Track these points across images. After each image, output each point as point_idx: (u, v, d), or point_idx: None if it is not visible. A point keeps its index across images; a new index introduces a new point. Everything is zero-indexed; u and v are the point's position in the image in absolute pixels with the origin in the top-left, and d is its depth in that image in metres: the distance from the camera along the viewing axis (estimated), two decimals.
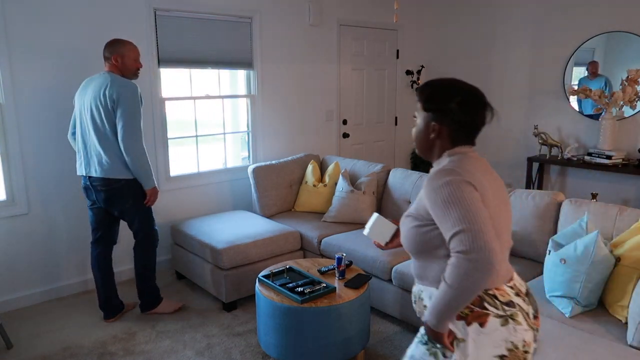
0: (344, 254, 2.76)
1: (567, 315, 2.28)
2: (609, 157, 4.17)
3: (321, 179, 4.19)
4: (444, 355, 1.37)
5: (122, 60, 2.91)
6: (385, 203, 3.84)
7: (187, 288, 3.71)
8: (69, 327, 3.13)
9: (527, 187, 4.81)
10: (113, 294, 3.19)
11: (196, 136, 4.20)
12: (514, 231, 3.01)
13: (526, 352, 1.33)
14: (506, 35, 5.03)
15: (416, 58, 5.76)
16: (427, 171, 5.19)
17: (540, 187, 4.86)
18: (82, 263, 3.64)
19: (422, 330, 1.43)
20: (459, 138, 1.43)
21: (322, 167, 4.41)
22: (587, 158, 4.35)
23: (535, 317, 1.41)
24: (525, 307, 1.36)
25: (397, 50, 5.56)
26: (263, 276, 2.73)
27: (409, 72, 5.68)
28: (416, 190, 3.62)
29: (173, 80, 4.09)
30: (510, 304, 1.33)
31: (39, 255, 3.45)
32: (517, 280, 1.42)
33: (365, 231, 1.79)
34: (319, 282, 2.63)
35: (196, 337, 3.00)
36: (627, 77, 4.05)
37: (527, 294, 1.42)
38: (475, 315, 1.30)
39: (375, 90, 5.47)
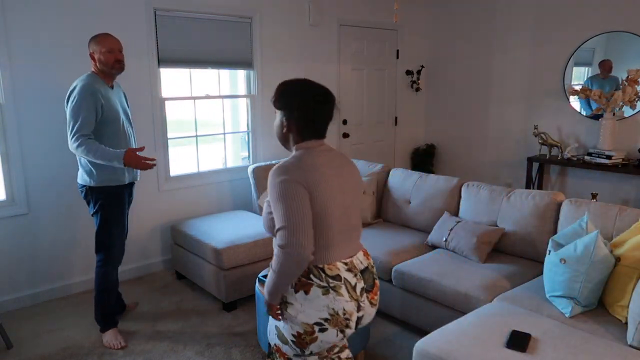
0: None
1: (567, 315, 2.28)
2: (609, 157, 4.17)
3: None
4: (283, 316, 1.64)
5: (97, 55, 2.76)
6: (386, 203, 3.84)
7: (187, 288, 3.71)
8: (69, 327, 3.13)
9: (527, 187, 4.81)
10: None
11: (196, 136, 4.20)
12: (513, 231, 3.02)
13: (347, 319, 1.61)
14: (506, 35, 5.03)
15: (416, 58, 5.76)
16: (427, 171, 5.21)
17: (540, 187, 4.86)
18: (82, 263, 3.64)
19: None
20: (306, 132, 1.66)
21: None
22: (587, 158, 4.35)
23: (369, 291, 1.69)
24: (353, 282, 1.63)
25: (397, 50, 5.56)
26: (263, 276, 2.72)
27: (409, 72, 5.68)
28: (416, 190, 3.62)
29: (173, 80, 4.09)
30: (336, 277, 1.60)
31: (38, 256, 3.45)
32: (358, 259, 1.69)
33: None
34: None
35: (196, 337, 3.00)
36: (627, 77, 4.05)
37: (364, 271, 1.69)
38: (301, 284, 1.59)
39: (375, 90, 5.47)
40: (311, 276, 1.59)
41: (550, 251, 2.45)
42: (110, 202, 2.85)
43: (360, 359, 2.70)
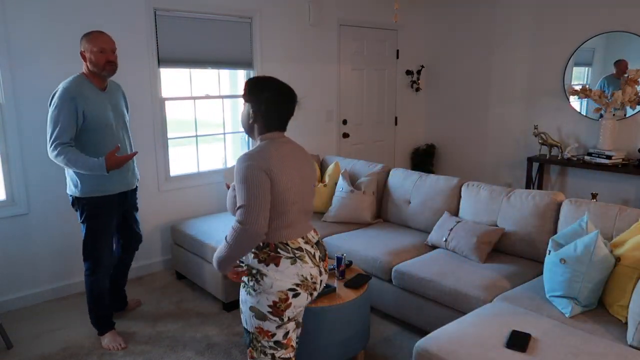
0: (344, 254, 2.76)
1: (567, 315, 2.28)
2: (609, 157, 4.17)
3: (321, 179, 4.19)
4: (254, 289, 1.82)
5: (88, 55, 2.63)
6: (385, 203, 3.84)
7: (187, 288, 3.71)
8: (69, 327, 3.13)
9: (527, 187, 4.81)
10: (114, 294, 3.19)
11: (196, 136, 4.20)
12: (513, 231, 3.03)
13: (314, 282, 1.87)
14: (506, 35, 5.03)
15: (416, 58, 5.76)
16: (427, 171, 5.21)
17: (540, 187, 4.86)
18: (82, 263, 3.61)
19: (244, 279, 1.88)
20: (270, 124, 1.86)
21: (322, 167, 4.41)
22: (587, 158, 4.35)
23: (323, 260, 1.93)
24: (312, 251, 1.88)
25: (397, 50, 5.56)
26: None
27: (409, 72, 5.68)
28: (416, 190, 3.62)
29: (173, 80, 4.09)
30: (299, 249, 1.84)
31: (38, 256, 3.45)
32: (311, 235, 1.93)
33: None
34: None
35: (196, 337, 3.00)
36: (627, 77, 4.05)
37: (317, 243, 1.93)
38: (271, 258, 1.80)
39: (375, 90, 5.47)
40: (279, 250, 1.81)
41: (550, 251, 2.45)
42: (96, 212, 2.77)
43: (360, 359, 2.70)
